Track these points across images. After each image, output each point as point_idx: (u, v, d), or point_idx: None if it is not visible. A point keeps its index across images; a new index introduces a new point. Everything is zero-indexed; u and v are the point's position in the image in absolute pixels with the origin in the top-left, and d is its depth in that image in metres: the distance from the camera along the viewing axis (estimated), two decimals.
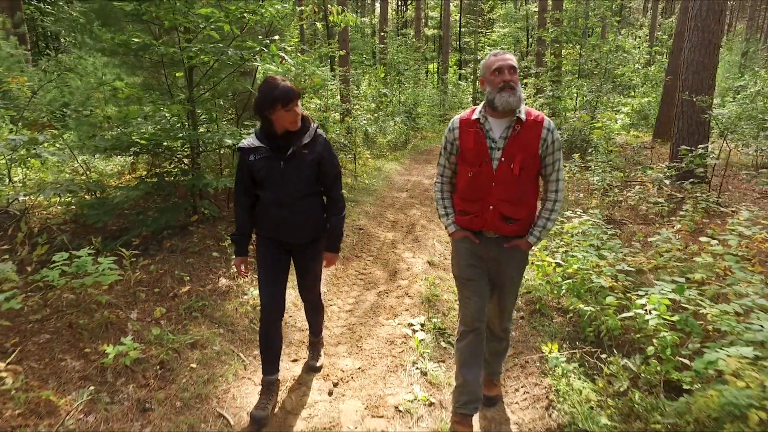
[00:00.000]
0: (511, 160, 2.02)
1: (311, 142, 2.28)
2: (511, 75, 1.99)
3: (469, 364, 2.20)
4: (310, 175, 2.29)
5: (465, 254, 2.21)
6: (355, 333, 3.20)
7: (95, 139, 4.36)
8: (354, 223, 5.40)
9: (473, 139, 2.08)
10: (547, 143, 2.05)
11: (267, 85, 2.15)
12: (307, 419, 2.37)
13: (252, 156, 2.24)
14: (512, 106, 1.97)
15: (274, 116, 2.16)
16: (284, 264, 2.42)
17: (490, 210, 2.09)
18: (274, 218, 2.28)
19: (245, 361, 2.78)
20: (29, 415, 2.00)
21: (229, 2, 3.97)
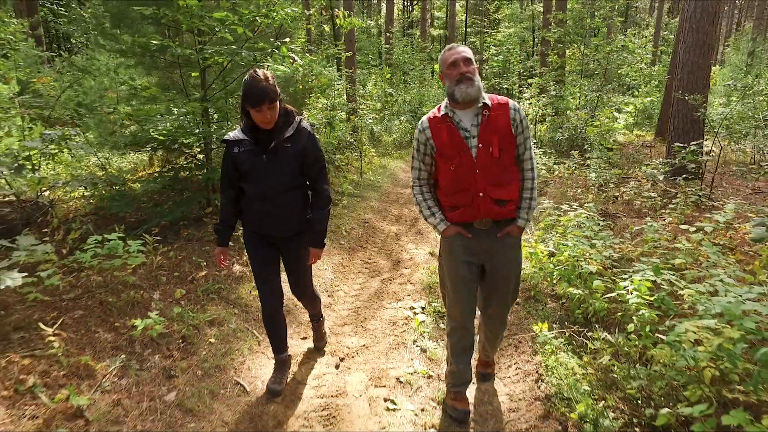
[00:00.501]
0: (488, 144, 2.06)
1: (294, 135, 2.28)
2: (466, 66, 2.05)
3: (462, 354, 2.31)
4: (294, 169, 2.31)
5: (458, 251, 2.20)
6: (360, 315, 3.43)
7: (115, 136, 4.62)
8: (360, 217, 5.63)
9: (446, 133, 2.11)
10: (517, 122, 2.11)
11: (245, 81, 2.16)
12: (315, 388, 2.61)
13: (236, 148, 2.26)
14: (471, 96, 2.03)
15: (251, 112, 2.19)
16: (273, 257, 2.48)
17: (481, 197, 2.09)
18: (257, 212, 2.32)
19: (258, 337, 3.02)
20: (72, 377, 2.25)
21: (242, 7, 4.21)
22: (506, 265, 2.22)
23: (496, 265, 2.21)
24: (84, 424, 2.08)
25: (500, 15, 27.67)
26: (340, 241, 4.82)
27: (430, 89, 17.46)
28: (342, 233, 5.00)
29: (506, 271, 2.23)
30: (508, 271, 2.23)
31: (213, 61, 4.42)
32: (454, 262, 2.21)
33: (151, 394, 2.36)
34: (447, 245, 2.24)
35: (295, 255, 2.47)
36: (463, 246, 2.19)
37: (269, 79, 2.14)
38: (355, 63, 10.43)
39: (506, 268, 2.22)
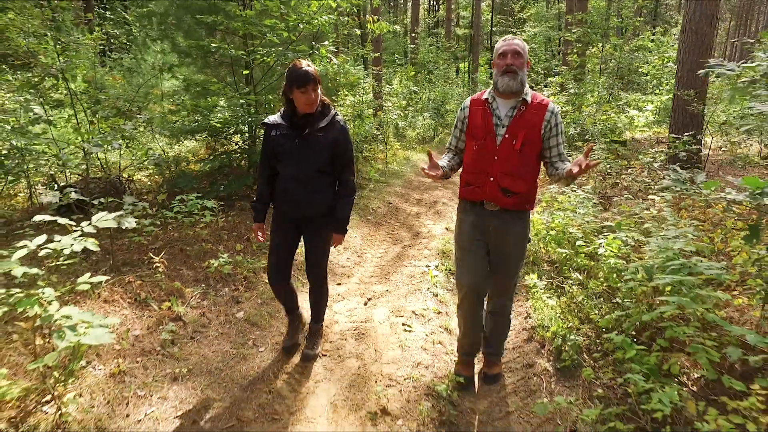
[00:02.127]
0: (513, 136, 2.15)
1: (327, 126, 2.42)
2: (513, 59, 2.13)
3: (470, 323, 2.47)
4: (324, 156, 2.43)
5: (468, 227, 2.35)
6: (384, 270, 4.14)
7: (178, 124, 5.46)
8: (384, 199, 6.35)
9: (481, 116, 2.23)
10: (551, 125, 2.17)
11: (290, 68, 2.33)
12: (348, 317, 3.32)
13: (274, 131, 2.44)
14: (511, 89, 2.13)
15: (293, 96, 2.33)
16: (294, 239, 2.63)
17: (491, 182, 2.20)
18: (288, 192, 2.46)
19: (302, 280, 3.76)
20: (169, 295, 3.03)
21: (288, 15, 4.96)
22: (511, 245, 2.32)
23: (502, 244, 2.31)
24: (183, 324, 2.86)
25: (525, 14, 27.89)
26: (367, 216, 5.55)
27: (454, 88, 18.04)
28: (369, 211, 5.73)
29: (511, 249, 2.32)
30: (513, 250, 2.33)
31: (261, 61, 5.19)
32: (462, 235, 2.39)
33: (226, 311, 3.13)
34: (459, 222, 2.43)
35: (317, 234, 2.59)
36: (472, 223, 2.34)
37: (311, 66, 2.34)
38: (381, 62, 11.15)
39: (511, 247, 2.32)
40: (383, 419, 2.28)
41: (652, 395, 1.87)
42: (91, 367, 2.31)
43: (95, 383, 2.21)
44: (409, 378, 2.60)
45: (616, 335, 2.32)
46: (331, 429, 2.22)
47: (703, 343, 1.93)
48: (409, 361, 2.78)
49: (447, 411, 2.36)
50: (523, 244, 2.35)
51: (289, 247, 2.64)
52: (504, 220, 2.27)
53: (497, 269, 2.38)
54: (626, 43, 12.09)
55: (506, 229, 2.28)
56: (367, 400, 2.41)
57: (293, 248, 2.66)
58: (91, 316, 1.86)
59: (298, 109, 2.39)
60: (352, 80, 7.81)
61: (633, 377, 2.00)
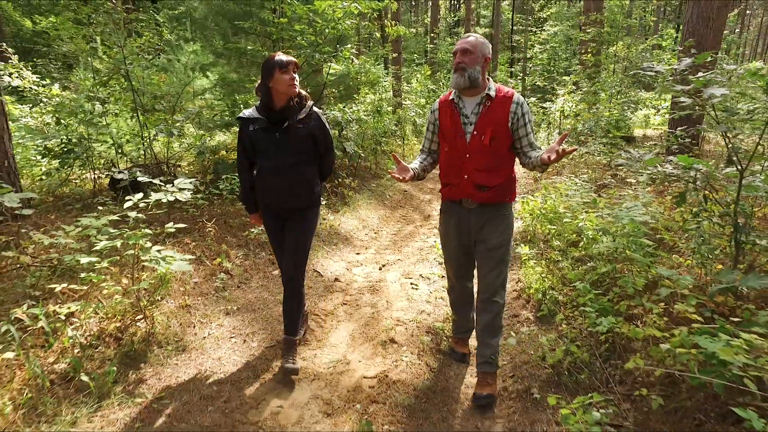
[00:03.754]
0: (482, 132, 2.18)
1: (306, 118, 2.45)
2: (462, 57, 2.16)
3: (460, 307, 2.74)
4: (304, 148, 2.47)
5: (451, 227, 2.45)
6: (397, 244, 4.75)
7: (217, 118, 6.16)
8: (400, 188, 6.94)
9: (449, 117, 2.27)
10: (517, 116, 2.18)
11: (267, 59, 2.37)
12: (365, 278, 3.94)
13: (251, 126, 2.43)
14: (460, 86, 2.18)
15: (272, 82, 2.32)
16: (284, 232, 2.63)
17: (465, 179, 2.25)
18: (270, 185, 2.48)
19: (326, 249, 4.38)
20: (218, 255, 3.70)
21: (316, 21, 5.60)
22: (495, 236, 2.34)
23: (486, 237, 2.35)
24: (230, 276, 3.52)
25: (545, 14, 28.05)
26: (384, 202, 6.16)
27: None
28: (386, 197, 6.34)
29: (495, 241, 2.34)
30: (498, 241, 2.34)
31: None
32: (446, 237, 2.51)
33: (264, 270, 3.78)
34: (442, 220, 2.52)
35: (298, 230, 2.56)
36: (455, 222, 2.41)
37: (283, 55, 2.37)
38: (401, 62, 11.75)
39: (494, 237, 2.34)
40: (391, 346, 2.88)
41: (597, 320, 2.43)
42: (164, 301, 2.98)
43: (170, 311, 2.88)
44: (414, 320, 3.20)
45: (580, 284, 2.88)
46: (350, 352, 2.83)
47: (634, 280, 2.48)
48: (415, 309, 3.38)
49: (443, 342, 2.96)
50: (506, 236, 2.35)
51: None
52: (484, 216, 2.32)
53: (482, 263, 2.40)
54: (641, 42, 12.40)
55: (487, 224, 2.33)
56: (378, 334, 3.02)
57: None
58: (174, 252, 2.52)
59: (276, 100, 2.38)
60: (372, 79, 8.43)
61: (587, 310, 2.56)
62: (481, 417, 2.33)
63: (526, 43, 26.53)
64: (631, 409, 2.18)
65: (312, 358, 2.74)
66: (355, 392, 2.42)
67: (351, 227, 5.06)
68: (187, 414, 2.20)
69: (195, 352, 2.67)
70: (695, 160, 2.45)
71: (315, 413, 2.27)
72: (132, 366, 2.43)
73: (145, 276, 2.87)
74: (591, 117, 9.08)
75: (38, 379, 2.07)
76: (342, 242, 4.64)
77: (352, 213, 5.44)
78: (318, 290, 3.65)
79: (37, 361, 2.11)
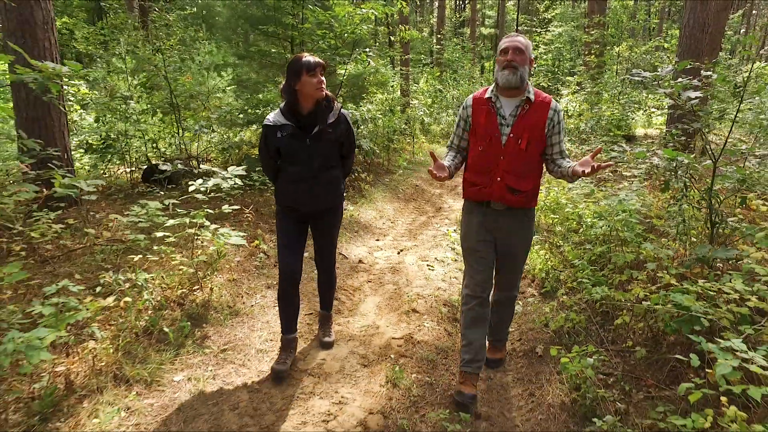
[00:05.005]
0: (519, 136, 2.14)
1: (335, 122, 2.39)
2: (514, 55, 2.11)
3: (473, 327, 2.36)
4: (332, 152, 2.44)
5: (475, 227, 2.35)
6: (413, 232, 5.17)
7: (242, 117, 6.59)
8: (412, 182, 7.37)
9: (485, 116, 2.20)
10: (553, 123, 2.17)
11: (293, 59, 2.29)
12: (386, 260, 4.36)
13: (279, 133, 2.33)
14: (511, 84, 2.11)
15: (299, 85, 2.25)
16: (302, 232, 2.59)
17: (498, 181, 2.20)
18: (296, 190, 2.41)
19: (348, 235, 4.81)
20: (254, 238, 4.13)
21: (336, 26, 6.02)
22: (518, 243, 2.36)
23: (509, 243, 2.34)
24: (267, 257, 3.95)
25: (550, 14, 28.36)
26: (398, 195, 6.59)
27: (478, 86, 18.91)
28: (399, 191, 6.77)
29: (518, 248, 2.37)
30: (520, 248, 2.38)
31: None
32: (470, 238, 2.39)
33: None
34: (465, 222, 2.43)
35: (327, 229, 2.60)
36: (480, 223, 2.34)
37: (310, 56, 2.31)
38: (409, 63, 12.17)
39: (518, 245, 2.36)
40: (414, 315, 3.31)
41: (593, 289, 2.85)
42: (215, 276, 3.41)
43: (221, 284, 3.31)
44: (432, 295, 3.63)
45: (578, 261, 3.29)
46: (378, 319, 3.26)
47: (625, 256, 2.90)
48: (432, 286, 3.80)
49: (458, 313, 3.38)
50: (529, 240, 2.40)
51: (301, 245, 2.60)
52: (511, 219, 2.29)
53: (504, 265, 2.43)
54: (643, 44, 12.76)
55: (514, 228, 2.31)
56: (402, 305, 3.44)
57: (303, 246, 2.62)
58: (229, 230, 2.95)
59: (304, 103, 2.31)
60: (382, 80, 8.86)
61: (584, 281, 2.98)
62: (493, 370, 2.75)
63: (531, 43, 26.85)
64: (620, 362, 2.60)
65: (346, 324, 3.17)
66: (386, 349, 2.85)
67: (369, 217, 5.49)
68: (248, 362, 2.63)
69: (246, 317, 3.10)
70: (678, 153, 2.85)
71: (354, 364, 2.70)
72: (196, 325, 2.87)
73: (200, 252, 3.31)
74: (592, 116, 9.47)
75: (129, 330, 2.51)
76: (362, 230, 5.07)
77: (370, 205, 5.86)
78: (345, 270, 4.07)
79: (131, 310, 2.55)
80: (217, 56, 9.16)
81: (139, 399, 2.21)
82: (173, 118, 6.06)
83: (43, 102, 3.90)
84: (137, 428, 2.04)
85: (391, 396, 2.40)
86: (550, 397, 2.43)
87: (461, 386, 2.36)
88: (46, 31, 3.85)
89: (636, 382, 2.42)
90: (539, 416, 2.34)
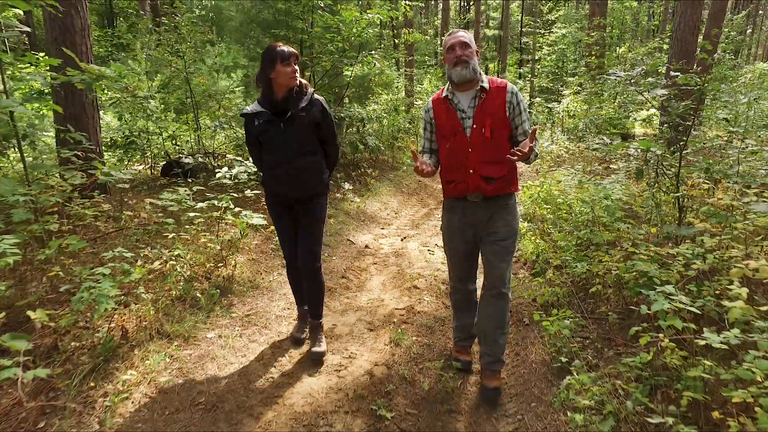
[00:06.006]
0: (481, 125, 2.16)
1: (308, 106, 2.45)
2: (462, 50, 2.14)
3: (461, 312, 2.63)
4: (309, 136, 2.48)
5: (456, 225, 2.37)
6: (415, 222, 5.54)
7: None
8: (415, 178, 7.74)
9: (445, 114, 2.24)
10: (513, 105, 2.18)
11: (267, 48, 2.37)
12: (390, 246, 4.74)
13: (256, 120, 2.44)
14: (466, 78, 2.15)
15: (274, 74, 2.34)
16: (293, 222, 2.66)
17: (471, 173, 2.21)
18: (278, 176, 2.49)
19: (355, 224, 5.19)
20: (269, 225, 4.51)
21: (345, 30, 6.40)
22: (503, 227, 2.30)
23: (494, 230, 2.30)
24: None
25: (553, 16, 28.65)
26: (401, 189, 6.97)
27: None
28: (403, 185, 7.14)
29: (503, 232, 2.30)
30: (506, 232, 2.30)
31: (317, 64, 6.66)
32: (450, 235, 2.43)
33: None
34: (446, 221, 2.44)
35: (310, 218, 2.59)
36: (459, 221, 2.35)
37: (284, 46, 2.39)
38: (413, 64, 12.55)
39: (503, 229, 2.30)
40: (415, 290, 3.67)
41: (575, 265, 3.21)
42: (236, 255, 3.79)
43: (242, 263, 3.70)
44: (431, 275, 4.00)
45: (563, 242, 3.65)
46: (383, 294, 3.63)
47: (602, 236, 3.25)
48: (432, 268, 4.17)
49: None
50: (513, 226, 2.32)
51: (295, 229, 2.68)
52: (490, 208, 2.28)
53: (490, 256, 2.33)
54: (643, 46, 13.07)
55: (495, 215, 2.29)
56: (404, 283, 3.81)
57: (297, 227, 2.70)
58: (251, 213, 3.34)
59: (277, 91, 2.41)
60: (387, 81, 9.24)
61: (567, 259, 3.34)
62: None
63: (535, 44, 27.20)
64: (596, 328, 2.95)
65: (354, 297, 3.55)
66: (390, 317, 3.22)
67: (375, 209, 5.86)
68: (269, 325, 3.02)
69: (265, 290, 3.49)
70: (652, 144, 3.20)
71: (361, 329, 3.07)
72: (222, 295, 3.25)
73: (221, 233, 3.69)
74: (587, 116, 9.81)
75: (166, 296, 2.90)
76: (368, 220, 5.45)
77: (375, 198, 6.24)
78: (352, 254, 4.45)
79: (171, 277, 2.95)
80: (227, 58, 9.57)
81: (180, 350, 2.60)
82: (188, 117, 6.47)
83: (79, 100, 4.31)
84: (180, 372, 2.43)
85: (393, 353, 2.77)
86: (533, 356, 2.79)
87: (458, 354, 2.68)
88: (84, 37, 4.26)
89: (608, 342, 2.77)
90: (522, 371, 2.69)
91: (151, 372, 2.35)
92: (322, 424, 2.15)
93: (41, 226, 2.63)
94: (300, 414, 2.21)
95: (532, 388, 2.49)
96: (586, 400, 2.06)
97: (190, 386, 2.34)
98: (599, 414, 2.09)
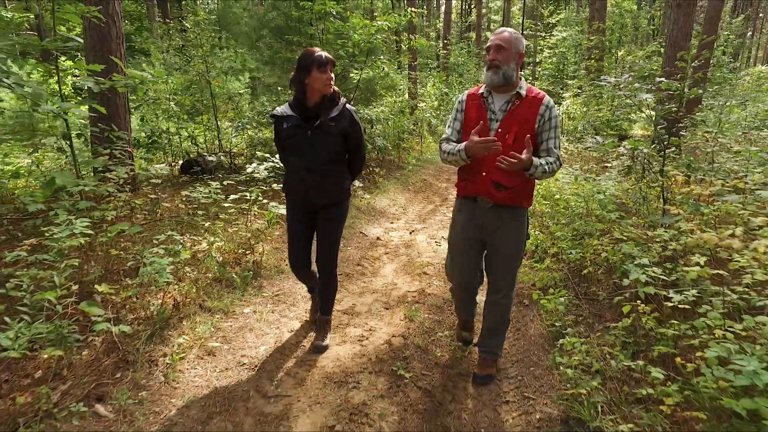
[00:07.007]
0: (507, 130, 2.11)
1: (338, 116, 2.44)
2: (496, 54, 2.08)
3: (462, 306, 2.70)
4: (336, 145, 2.47)
5: (460, 225, 2.36)
6: (422, 217, 5.91)
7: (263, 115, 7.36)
8: (421, 177, 8.10)
9: (476, 110, 2.21)
10: (545, 119, 2.12)
11: (305, 53, 2.34)
12: (399, 238, 5.09)
13: (285, 123, 2.45)
14: (494, 84, 2.11)
15: (309, 79, 2.33)
16: (308, 226, 2.68)
17: (482, 176, 2.18)
18: (301, 181, 2.49)
19: (365, 218, 5.54)
20: None
21: (354, 36, 6.76)
22: (507, 243, 2.26)
23: (497, 243, 2.27)
24: None
25: (554, 19, 29.00)
26: (408, 187, 7.33)
27: None
28: (409, 184, 7.51)
29: (507, 248, 2.26)
30: (509, 248, 2.27)
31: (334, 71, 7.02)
32: (456, 233, 2.41)
33: None
34: (453, 220, 2.44)
35: (331, 224, 2.61)
36: (466, 221, 2.33)
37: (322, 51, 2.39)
38: (417, 68, 12.92)
39: (507, 245, 2.26)
40: (424, 276, 4.03)
41: (570, 252, 3.56)
42: (262, 244, 4.15)
43: (267, 251, 4.05)
44: (439, 263, 4.35)
45: (560, 233, 4.01)
46: (396, 279, 3.99)
47: (594, 225, 3.61)
48: (440, 257, 4.52)
49: None
50: (519, 243, 2.28)
51: (308, 237, 2.71)
52: (498, 217, 2.23)
53: (491, 267, 2.34)
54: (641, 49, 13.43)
55: (501, 227, 2.24)
56: (415, 270, 4.17)
57: (311, 237, 2.74)
58: (278, 204, 3.70)
59: (310, 96, 2.40)
60: (392, 84, 9.61)
61: (562, 245, 3.69)
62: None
63: (536, 47, 27.56)
64: (588, 307, 3.31)
65: (369, 282, 3.91)
66: (403, 298, 3.58)
67: (384, 205, 6.23)
68: (296, 303, 3.38)
69: (290, 275, 3.84)
70: (639, 142, 3.56)
71: (378, 308, 3.43)
72: (253, 278, 3.61)
73: (249, 223, 4.05)
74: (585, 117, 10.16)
75: (204, 276, 3.26)
76: (378, 214, 5.81)
77: (383, 195, 6.60)
78: (365, 245, 4.81)
79: (212, 259, 3.31)
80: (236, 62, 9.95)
81: (222, 322, 2.96)
82: (205, 117, 6.84)
83: (114, 102, 4.67)
84: (224, 339, 2.79)
85: (408, 326, 3.12)
86: (532, 330, 3.15)
87: (461, 331, 2.85)
88: (119, 45, 4.63)
89: (598, 318, 3.13)
90: (522, 343, 3.05)
91: (200, 338, 2.71)
92: (351, 381, 2.51)
93: (101, 212, 3.00)
94: (331, 373, 2.57)
95: (531, 356, 2.84)
96: (576, 357, 2.42)
97: (234, 350, 2.70)
98: (588, 373, 2.45)
